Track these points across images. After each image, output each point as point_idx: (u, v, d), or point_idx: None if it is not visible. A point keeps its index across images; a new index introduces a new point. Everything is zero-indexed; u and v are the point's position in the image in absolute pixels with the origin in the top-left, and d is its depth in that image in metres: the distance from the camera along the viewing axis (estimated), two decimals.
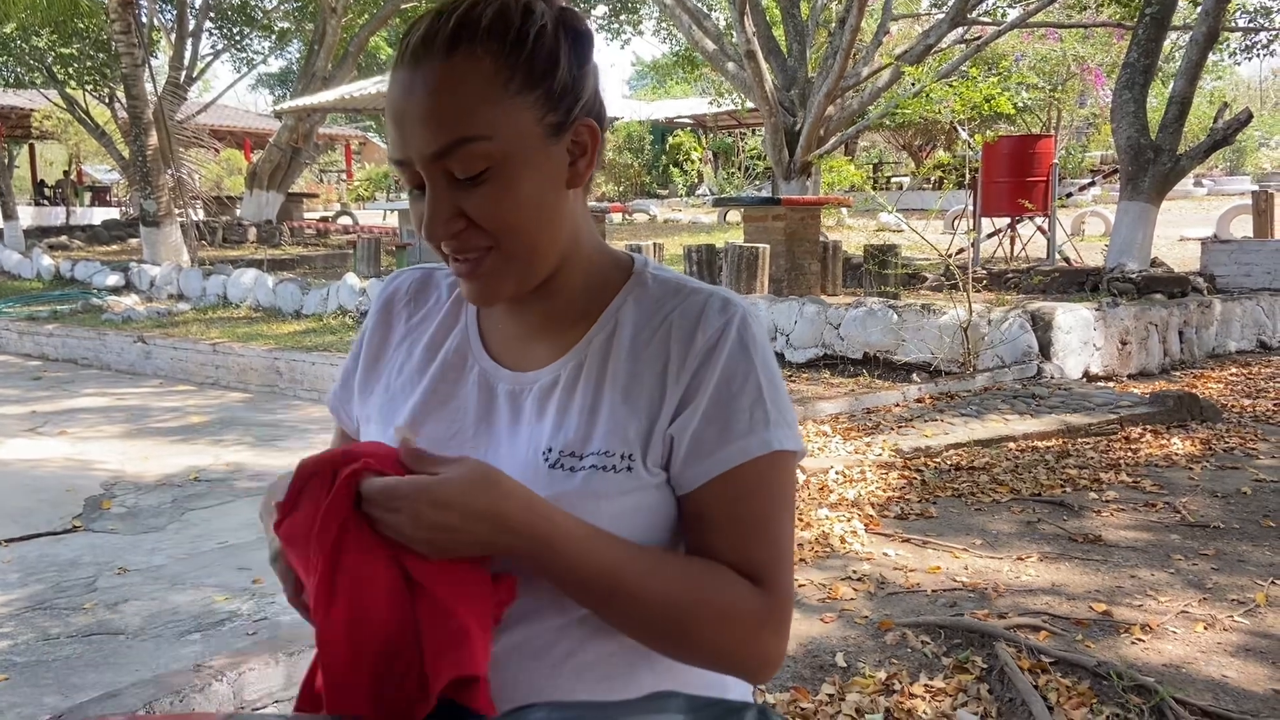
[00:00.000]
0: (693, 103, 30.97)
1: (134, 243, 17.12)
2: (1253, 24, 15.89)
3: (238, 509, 4.95)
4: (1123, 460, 4.95)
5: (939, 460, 4.94)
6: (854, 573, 3.50)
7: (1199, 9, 10.97)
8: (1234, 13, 15.06)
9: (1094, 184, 18.35)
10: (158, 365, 9.24)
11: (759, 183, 24.42)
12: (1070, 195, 16.46)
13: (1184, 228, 16.39)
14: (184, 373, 8.98)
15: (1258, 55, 15.94)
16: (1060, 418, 5.58)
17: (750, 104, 14.99)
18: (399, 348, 1.05)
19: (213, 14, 19.76)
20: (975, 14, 13.33)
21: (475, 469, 0.83)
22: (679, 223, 21.40)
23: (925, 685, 2.65)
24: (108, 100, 17.44)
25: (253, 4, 20.72)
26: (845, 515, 4.07)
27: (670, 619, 0.87)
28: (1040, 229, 12.44)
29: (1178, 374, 7.65)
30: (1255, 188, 19.47)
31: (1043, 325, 7.01)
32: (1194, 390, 6.52)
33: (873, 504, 4.28)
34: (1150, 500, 4.32)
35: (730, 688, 1.00)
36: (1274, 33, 14.88)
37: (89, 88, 17.51)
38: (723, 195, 22.51)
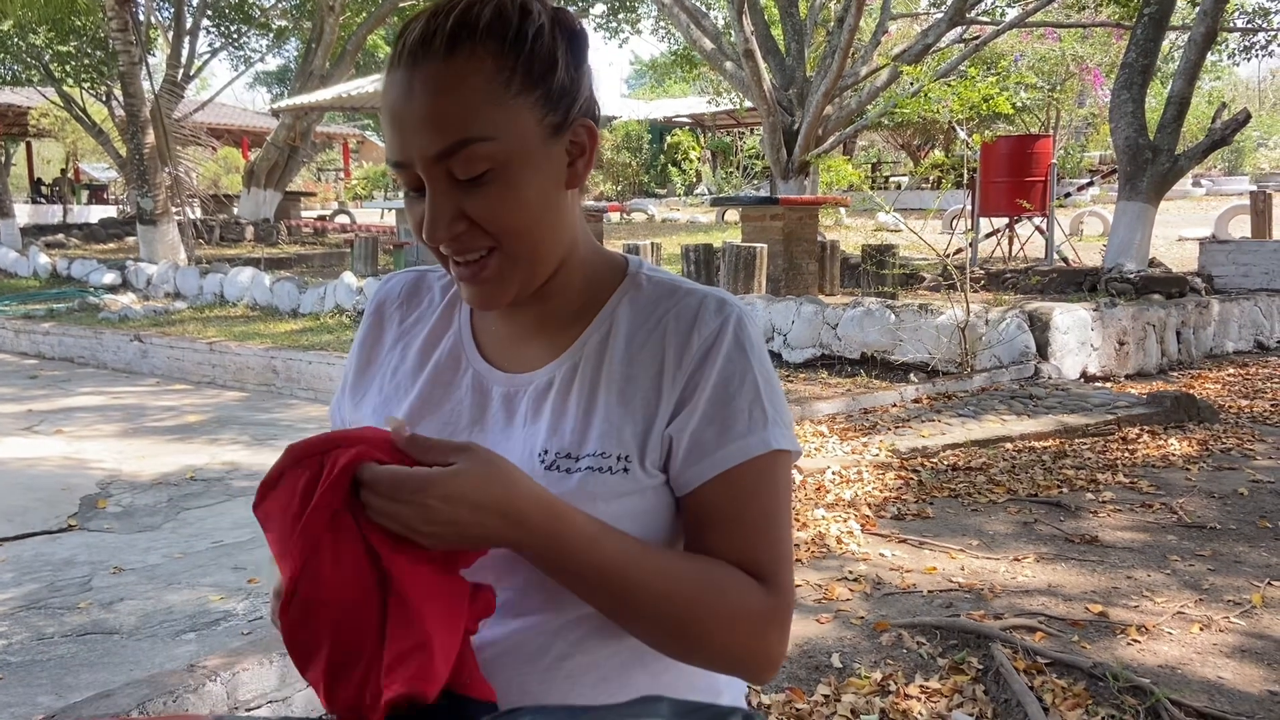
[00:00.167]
0: (691, 102, 31.01)
1: (131, 241, 17.09)
2: (1251, 24, 15.89)
3: (233, 508, 4.94)
4: (1120, 461, 4.95)
5: (936, 461, 4.93)
6: (850, 573, 3.50)
7: (1197, 9, 10.96)
8: (1232, 13, 15.06)
9: (1092, 184, 18.38)
10: (154, 364, 9.22)
11: (757, 182, 24.44)
12: (1068, 195, 16.47)
13: (1182, 228, 16.41)
14: (180, 371, 8.96)
15: (1256, 56, 15.94)
16: (1057, 418, 5.58)
17: (748, 103, 14.97)
18: (392, 351, 1.05)
19: (210, 12, 19.72)
20: (974, 13, 13.33)
21: (486, 460, 0.81)
22: (677, 222, 21.40)
23: (921, 686, 2.65)
24: (105, 98, 17.39)
25: (250, 2, 20.67)
26: (842, 516, 4.07)
27: (680, 616, 0.86)
28: (1038, 229, 12.44)
29: (1175, 374, 7.65)
30: (1253, 188, 19.48)
31: (1040, 325, 7.01)
32: (1191, 391, 6.52)
33: (869, 504, 4.27)
34: (1147, 501, 4.32)
35: (722, 692, 1.00)
36: (1272, 33, 14.88)
37: (86, 85, 17.46)
38: (721, 195, 22.55)
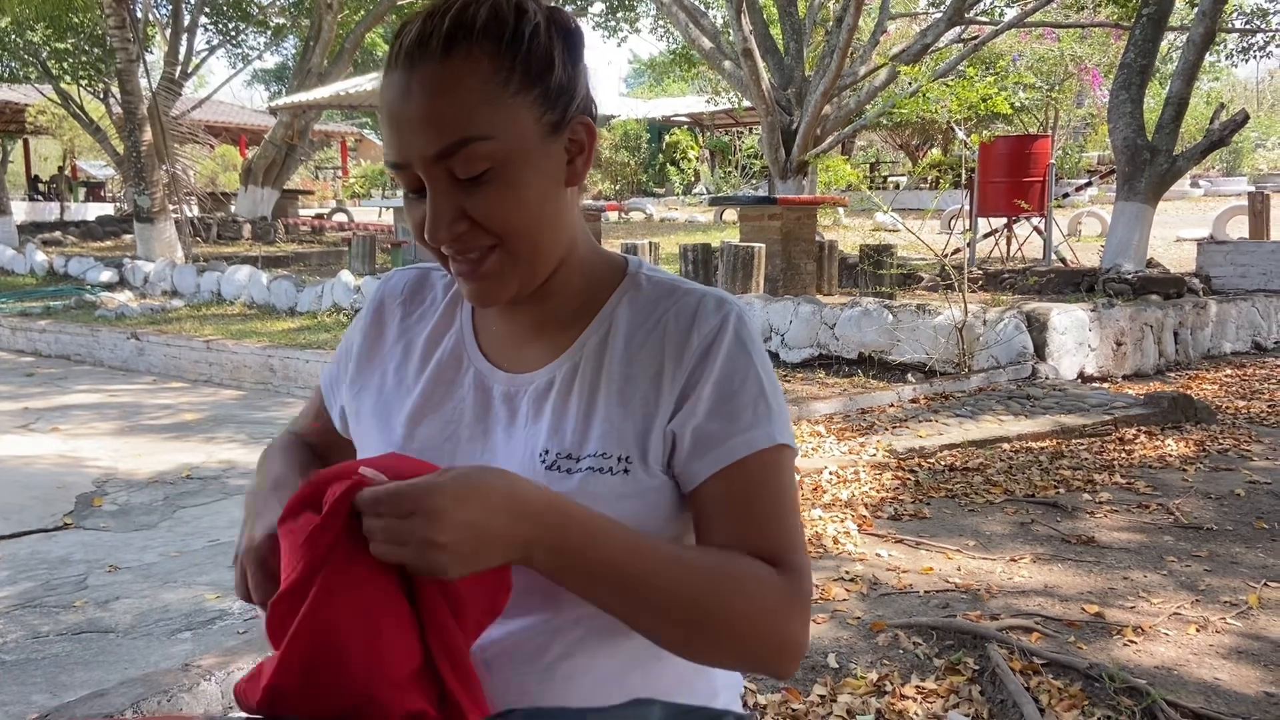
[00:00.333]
0: (690, 101, 31.01)
1: (128, 239, 17.07)
2: (1250, 25, 15.91)
3: (230, 507, 4.93)
4: (1117, 461, 4.95)
5: (933, 461, 4.93)
6: (847, 573, 3.50)
7: (1196, 10, 10.97)
8: (1231, 14, 15.08)
9: (1090, 184, 18.38)
10: (151, 362, 9.21)
11: (755, 181, 24.43)
12: (1067, 195, 16.48)
13: (1180, 228, 16.42)
14: (177, 370, 8.95)
15: (1254, 56, 15.95)
16: (1055, 419, 5.58)
17: (747, 103, 14.96)
18: (394, 348, 1.04)
19: (208, 9, 19.71)
20: (972, 13, 13.33)
21: (479, 465, 0.81)
22: (675, 221, 21.40)
23: (917, 686, 2.64)
24: (102, 95, 17.38)
25: None
26: (839, 516, 4.06)
27: (698, 606, 0.83)
28: (1036, 229, 12.44)
29: (1173, 375, 7.66)
30: (1251, 189, 19.51)
31: (1038, 326, 7.01)
32: (1189, 391, 6.52)
33: (866, 504, 4.27)
34: (1144, 502, 4.32)
35: (719, 694, 1.00)
36: (1271, 34, 14.89)
37: (84, 83, 17.43)
38: (719, 194, 22.54)
